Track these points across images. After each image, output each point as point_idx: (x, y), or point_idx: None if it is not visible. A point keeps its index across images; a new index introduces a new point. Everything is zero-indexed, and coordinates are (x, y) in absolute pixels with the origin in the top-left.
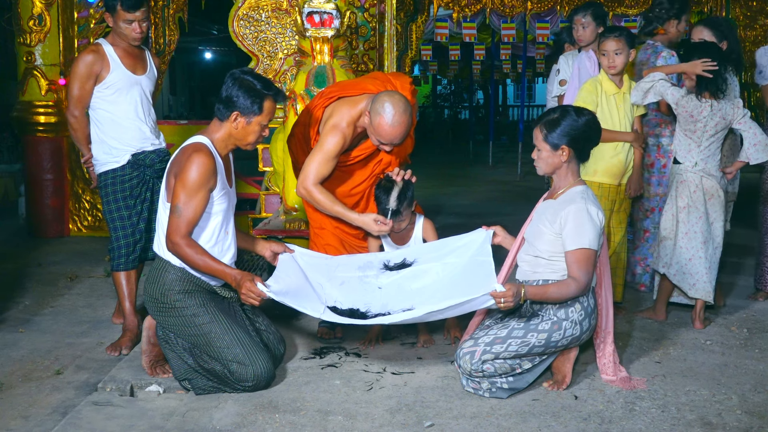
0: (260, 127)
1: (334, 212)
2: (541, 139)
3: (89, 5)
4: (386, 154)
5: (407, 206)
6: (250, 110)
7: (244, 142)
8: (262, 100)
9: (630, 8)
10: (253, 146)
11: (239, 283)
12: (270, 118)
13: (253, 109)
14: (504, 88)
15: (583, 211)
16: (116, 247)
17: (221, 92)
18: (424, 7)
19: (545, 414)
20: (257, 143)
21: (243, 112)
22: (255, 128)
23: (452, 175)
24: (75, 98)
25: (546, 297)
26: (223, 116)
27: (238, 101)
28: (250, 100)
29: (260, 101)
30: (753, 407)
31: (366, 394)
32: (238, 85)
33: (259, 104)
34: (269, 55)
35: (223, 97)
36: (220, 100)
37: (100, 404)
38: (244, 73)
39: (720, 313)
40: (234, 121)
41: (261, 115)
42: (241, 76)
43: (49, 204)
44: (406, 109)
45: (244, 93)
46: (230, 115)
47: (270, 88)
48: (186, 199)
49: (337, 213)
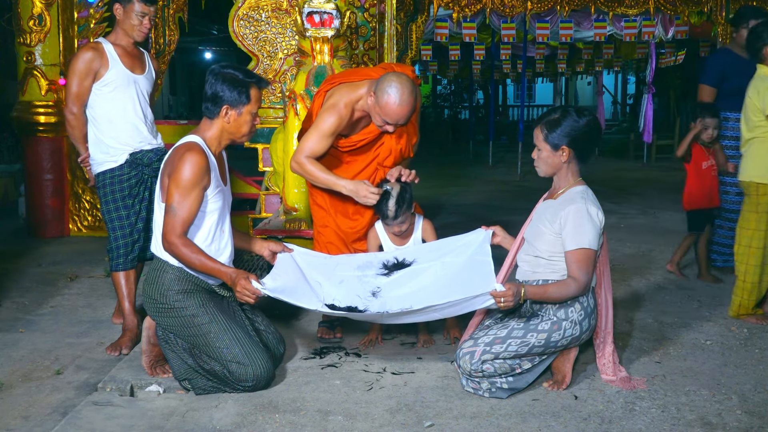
0: (251, 116)
1: (325, 182)
2: (542, 139)
3: (89, 5)
4: (389, 141)
5: (406, 209)
6: (238, 101)
7: (238, 135)
8: (248, 88)
9: (630, 8)
10: (248, 138)
11: (234, 281)
12: (258, 105)
13: (241, 99)
14: (504, 88)
15: (584, 211)
16: (115, 247)
17: (206, 91)
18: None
19: (545, 414)
20: (251, 134)
21: (232, 104)
22: (246, 118)
23: (452, 175)
24: (73, 95)
25: (546, 297)
26: (212, 114)
27: (225, 95)
28: (236, 92)
29: (246, 90)
30: (753, 407)
31: (366, 394)
32: (221, 79)
33: (246, 93)
34: (269, 55)
35: (209, 95)
36: (206, 99)
37: (100, 404)
38: (223, 68)
39: (720, 313)
40: (225, 115)
41: (250, 104)
42: (222, 70)
43: (49, 204)
44: (413, 90)
45: (229, 86)
46: (220, 111)
47: (251, 75)
48: (180, 199)
49: (327, 182)
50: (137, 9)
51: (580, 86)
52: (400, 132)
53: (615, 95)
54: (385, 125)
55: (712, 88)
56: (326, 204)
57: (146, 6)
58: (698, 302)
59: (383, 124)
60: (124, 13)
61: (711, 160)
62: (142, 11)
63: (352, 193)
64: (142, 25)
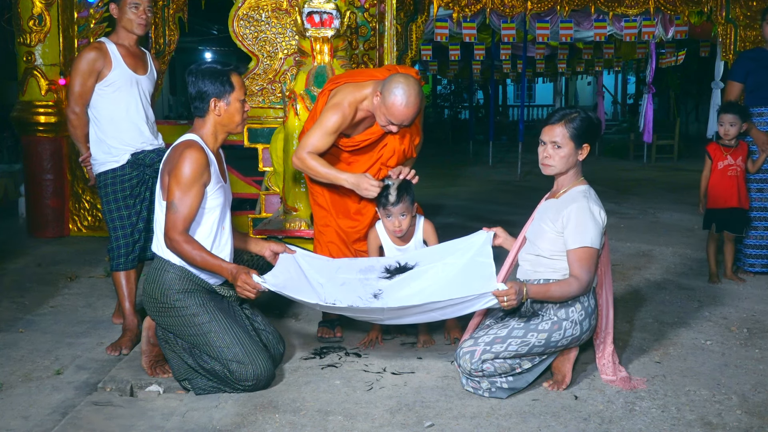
0: (240, 103)
1: (326, 176)
2: (568, 136)
3: (89, 5)
4: (392, 141)
5: (407, 196)
6: (223, 91)
7: (233, 125)
8: (229, 76)
9: (630, 8)
10: (242, 126)
11: (235, 276)
12: (243, 90)
13: (225, 89)
14: (504, 88)
15: (586, 210)
16: (115, 247)
17: (189, 92)
18: (424, 7)
19: (545, 414)
20: (244, 123)
21: (219, 96)
22: (236, 106)
23: (452, 175)
24: (76, 95)
25: (548, 296)
26: (202, 111)
27: (209, 89)
28: (219, 83)
29: (228, 78)
30: (753, 407)
31: (366, 394)
32: (201, 76)
33: (228, 82)
34: (269, 55)
35: (194, 94)
36: (192, 99)
37: (100, 404)
38: (199, 65)
39: (720, 313)
40: (214, 108)
41: (235, 91)
42: (198, 68)
43: (49, 204)
44: (419, 92)
45: (210, 79)
46: (209, 106)
47: (228, 64)
48: (181, 195)
49: (329, 177)
50: (130, 0)
51: (580, 86)
52: (404, 132)
53: (615, 95)
54: (389, 125)
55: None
56: (327, 204)
57: None
58: (698, 302)
59: (387, 124)
60: (119, 11)
61: (729, 160)
62: (134, 1)
63: (354, 186)
64: (139, 17)
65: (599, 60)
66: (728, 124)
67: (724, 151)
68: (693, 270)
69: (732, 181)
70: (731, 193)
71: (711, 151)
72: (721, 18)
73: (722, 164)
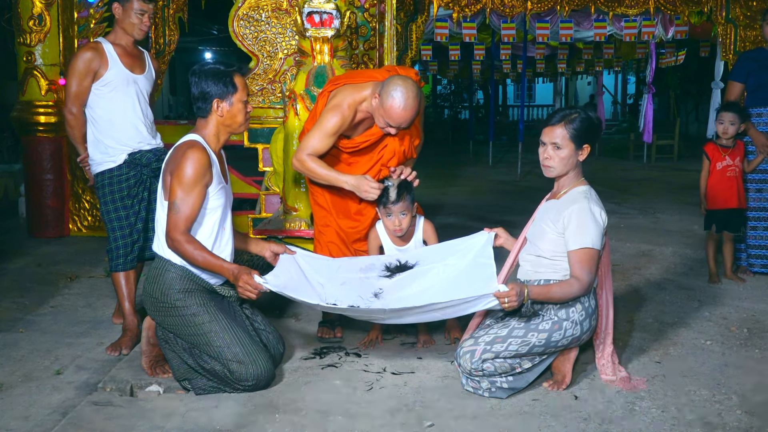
0: (243, 104)
1: (326, 178)
2: (567, 137)
3: (89, 5)
4: (392, 143)
5: (407, 194)
6: (226, 92)
7: (235, 125)
8: (231, 77)
9: (630, 8)
10: (245, 127)
11: (236, 276)
12: (246, 91)
13: (228, 89)
14: (504, 88)
15: (587, 211)
16: (114, 247)
17: (192, 92)
18: (424, 7)
19: (545, 414)
20: (247, 123)
21: (221, 97)
22: (239, 107)
23: (452, 175)
24: (73, 95)
25: (549, 297)
26: (205, 112)
27: (212, 90)
28: (222, 83)
29: (231, 79)
30: (753, 407)
31: (366, 394)
32: (204, 76)
33: (232, 83)
34: (269, 55)
35: (197, 95)
36: (195, 99)
37: (100, 404)
38: (202, 66)
39: (720, 313)
40: (217, 109)
41: (238, 92)
42: (201, 68)
43: (49, 204)
44: (418, 94)
45: (213, 80)
46: (211, 106)
47: (231, 65)
48: (183, 195)
49: (329, 179)
50: (136, 7)
51: (580, 86)
52: (404, 134)
53: (615, 95)
54: (388, 127)
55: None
56: (328, 204)
57: (145, 3)
58: (698, 302)
59: (385, 126)
60: (123, 12)
61: (728, 160)
62: (141, 9)
63: (354, 188)
64: (142, 23)
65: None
66: (728, 122)
67: (723, 151)
68: (693, 270)
69: (731, 181)
70: (731, 194)
71: (709, 151)
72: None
73: (721, 165)
